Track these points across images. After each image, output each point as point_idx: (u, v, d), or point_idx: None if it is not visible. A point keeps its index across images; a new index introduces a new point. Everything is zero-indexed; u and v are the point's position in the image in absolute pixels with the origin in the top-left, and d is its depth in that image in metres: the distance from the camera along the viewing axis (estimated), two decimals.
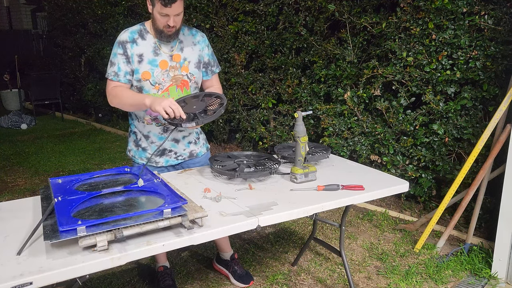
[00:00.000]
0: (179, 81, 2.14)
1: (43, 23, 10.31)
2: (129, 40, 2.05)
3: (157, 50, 2.08)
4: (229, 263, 2.58)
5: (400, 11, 3.28)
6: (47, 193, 1.72)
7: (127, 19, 6.21)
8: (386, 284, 2.57)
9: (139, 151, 2.24)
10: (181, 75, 2.14)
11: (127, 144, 2.32)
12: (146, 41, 2.07)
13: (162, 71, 2.08)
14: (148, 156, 2.22)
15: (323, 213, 3.53)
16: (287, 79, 4.21)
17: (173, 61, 2.11)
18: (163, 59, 2.09)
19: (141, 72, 2.06)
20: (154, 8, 1.97)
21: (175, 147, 2.24)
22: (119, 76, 2.06)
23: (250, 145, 4.86)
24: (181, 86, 2.15)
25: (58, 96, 7.68)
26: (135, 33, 2.07)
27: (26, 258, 1.29)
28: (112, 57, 2.07)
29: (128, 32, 2.07)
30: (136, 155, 2.25)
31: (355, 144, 3.64)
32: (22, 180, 4.45)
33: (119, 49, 2.05)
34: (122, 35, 2.06)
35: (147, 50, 2.06)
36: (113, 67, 2.06)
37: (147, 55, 2.06)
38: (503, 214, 2.53)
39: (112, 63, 2.07)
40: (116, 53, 2.05)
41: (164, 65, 2.09)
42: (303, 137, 1.96)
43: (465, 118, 3.07)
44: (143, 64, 2.05)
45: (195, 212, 1.49)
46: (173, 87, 2.12)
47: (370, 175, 2.13)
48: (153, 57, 2.07)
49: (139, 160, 2.24)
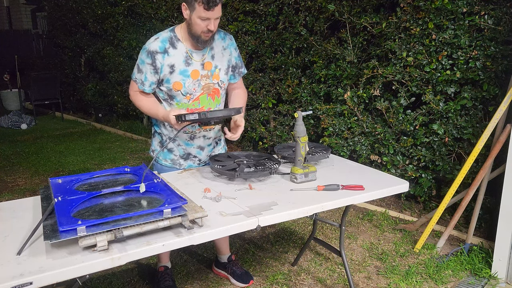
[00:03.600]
0: (211, 89, 2.11)
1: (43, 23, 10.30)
2: (159, 51, 1.99)
3: (189, 60, 2.03)
4: (227, 265, 2.58)
5: (400, 11, 3.28)
6: (47, 193, 1.72)
7: (127, 19, 6.21)
8: (386, 284, 2.57)
9: (164, 152, 2.23)
10: (212, 83, 2.11)
11: (151, 144, 2.31)
12: (177, 50, 2.02)
13: (193, 81, 2.05)
14: (173, 158, 2.22)
15: (323, 213, 3.53)
16: (287, 79, 4.21)
17: (204, 69, 2.07)
18: (195, 68, 2.04)
19: (172, 82, 2.03)
20: (193, 13, 1.89)
21: (200, 154, 2.25)
22: (145, 85, 2.05)
23: (250, 145, 4.86)
24: (212, 95, 2.13)
25: (58, 96, 7.68)
26: (165, 41, 2.01)
27: (26, 258, 1.29)
28: (140, 63, 2.03)
29: (159, 42, 2.00)
30: (160, 156, 2.24)
31: (355, 144, 3.64)
32: (22, 180, 4.45)
33: (148, 58, 1.99)
34: (153, 44, 1.99)
35: (178, 60, 2.02)
36: (140, 74, 2.04)
37: (179, 65, 2.02)
38: (503, 214, 2.53)
39: (140, 70, 2.04)
40: (144, 62, 2.01)
41: (196, 75, 2.05)
42: (303, 137, 1.96)
43: (465, 118, 3.07)
44: (174, 75, 2.02)
45: (195, 212, 1.49)
46: (203, 95, 2.10)
47: (370, 175, 2.13)
48: (185, 67, 2.02)
49: (163, 161, 2.24)
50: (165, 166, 2.23)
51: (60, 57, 7.97)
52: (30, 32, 10.87)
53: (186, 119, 1.83)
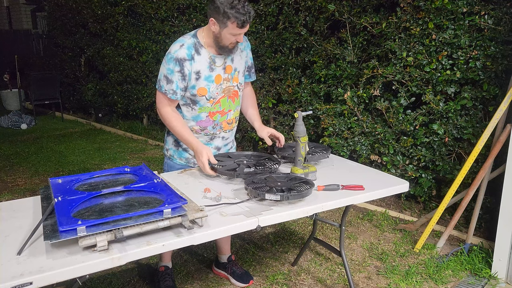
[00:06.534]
0: (231, 92, 2.14)
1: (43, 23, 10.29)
2: (187, 58, 1.98)
3: (212, 65, 2.05)
4: (227, 265, 2.58)
5: (400, 11, 3.28)
6: (47, 193, 1.72)
7: (127, 19, 6.21)
8: (386, 284, 2.57)
9: (179, 151, 2.24)
10: (232, 86, 2.14)
11: (165, 142, 2.31)
12: (201, 56, 2.02)
13: (216, 85, 2.07)
14: (187, 157, 2.22)
15: (323, 213, 3.53)
16: (287, 79, 4.21)
17: (225, 73, 2.10)
18: (218, 73, 2.07)
19: (198, 88, 2.04)
20: (224, 29, 1.91)
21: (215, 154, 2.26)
22: (177, 94, 2.03)
23: (250, 145, 4.86)
24: (232, 97, 2.16)
25: (58, 96, 7.67)
26: (191, 48, 2.00)
27: (26, 258, 1.29)
28: (169, 73, 2.00)
29: (185, 49, 1.99)
30: (175, 155, 2.25)
31: (355, 144, 3.64)
32: (22, 180, 4.45)
33: (177, 66, 1.98)
34: (180, 52, 1.98)
35: (203, 66, 2.02)
36: (171, 84, 2.01)
37: (204, 71, 2.03)
38: (503, 214, 2.53)
39: (169, 80, 2.00)
40: (173, 71, 1.98)
41: (219, 80, 2.08)
42: (303, 137, 1.96)
43: (465, 118, 3.07)
44: (200, 81, 2.03)
45: (195, 212, 1.49)
46: (224, 98, 2.13)
47: (370, 175, 2.13)
48: (209, 73, 2.04)
49: (178, 160, 2.25)
50: (178, 165, 2.25)
51: (60, 57, 7.97)
52: (30, 32, 10.86)
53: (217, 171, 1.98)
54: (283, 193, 1.69)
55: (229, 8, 1.85)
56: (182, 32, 5.31)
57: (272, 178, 1.86)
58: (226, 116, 2.18)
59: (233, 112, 2.21)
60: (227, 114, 2.18)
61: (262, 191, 1.71)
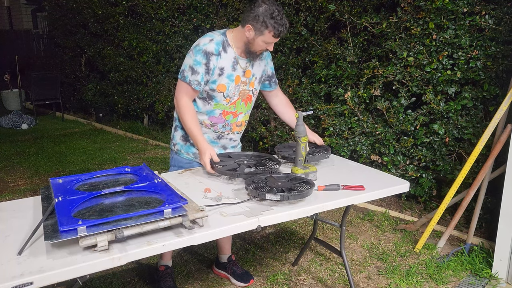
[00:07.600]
0: (245, 95, 2.20)
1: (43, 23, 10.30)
2: (215, 53, 2.03)
3: (235, 65, 2.10)
4: (227, 265, 2.59)
5: (401, 11, 3.28)
6: (47, 193, 1.72)
7: (127, 19, 6.21)
8: (387, 284, 2.57)
9: (187, 146, 2.26)
10: (247, 90, 2.20)
11: (172, 138, 2.33)
12: (227, 54, 2.07)
13: (235, 85, 2.12)
14: (195, 152, 2.23)
15: (323, 213, 3.53)
16: (287, 79, 4.21)
17: (244, 76, 2.15)
18: (238, 74, 2.12)
19: (218, 84, 2.08)
20: (259, 36, 1.98)
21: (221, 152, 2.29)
22: (201, 85, 2.07)
23: (250, 145, 4.86)
24: (246, 101, 2.22)
25: (58, 96, 7.68)
26: (219, 44, 2.05)
27: (26, 258, 1.29)
28: (195, 64, 2.03)
29: (214, 44, 2.04)
30: (182, 149, 2.28)
31: (355, 144, 3.64)
32: (23, 180, 4.45)
33: (204, 59, 2.02)
34: (209, 46, 2.03)
35: (228, 64, 2.08)
36: (196, 75, 2.04)
37: (227, 69, 2.08)
38: (504, 214, 2.53)
39: (195, 71, 2.04)
40: (200, 62, 2.02)
41: (238, 81, 2.13)
42: (303, 137, 1.96)
43: (466, 118, 3.07)
44: (222, 78, 2.08)
45: (196, 212, 1.49)
46: (239, 100, 2.18)
47: (371, 175, 2.13)
48: (231, 72, 2.09)
49: (185, 155, 2.27)
50: (186, 159, 2.27)
51: (60, 57, 7.97)
52: (31, 32, 10.87)
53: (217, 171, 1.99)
54: (283, 193, 1.70)
55: (269, 18, 1.94)
56: (183, 32, 5.32)
57: (272, 178, 1.86)
58: (237, 118, 2.23)
59: (243, 115, 2.26)
60: (238, 116, 2.23)
61: (262, 191, 1.71)
